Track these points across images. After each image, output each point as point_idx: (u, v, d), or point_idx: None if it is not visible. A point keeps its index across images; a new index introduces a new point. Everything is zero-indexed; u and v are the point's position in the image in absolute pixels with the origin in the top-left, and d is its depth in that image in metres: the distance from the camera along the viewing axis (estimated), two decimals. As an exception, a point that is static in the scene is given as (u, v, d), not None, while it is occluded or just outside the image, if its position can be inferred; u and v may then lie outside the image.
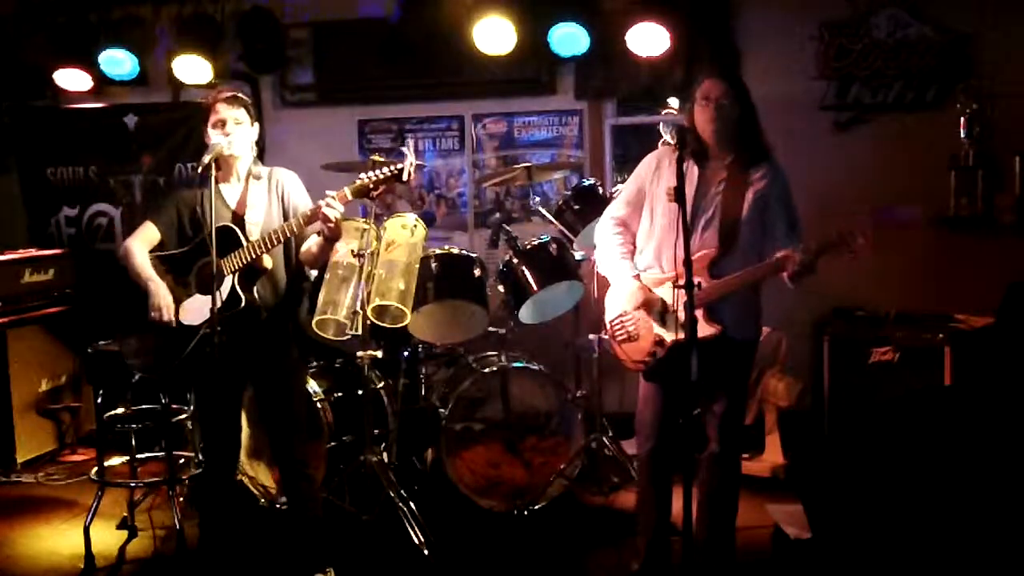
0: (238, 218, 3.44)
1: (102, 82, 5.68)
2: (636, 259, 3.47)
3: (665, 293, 3.33)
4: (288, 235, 3.36)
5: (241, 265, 3.35)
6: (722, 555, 3.44)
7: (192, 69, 5.41)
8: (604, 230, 3.55)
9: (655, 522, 3.52)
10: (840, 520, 2.98)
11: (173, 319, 3.38)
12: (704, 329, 3.20)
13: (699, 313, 3.20)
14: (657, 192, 3.40)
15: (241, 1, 5.55)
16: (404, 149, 3.39)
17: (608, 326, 3.48)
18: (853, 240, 3.09)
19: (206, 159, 3.24)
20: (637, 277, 3.40)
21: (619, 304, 3.44)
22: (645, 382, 3.49)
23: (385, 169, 3.33)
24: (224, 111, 3.40)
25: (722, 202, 3.28)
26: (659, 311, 3.35)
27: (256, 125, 3.52)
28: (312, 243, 3.45)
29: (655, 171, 3.43)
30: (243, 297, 3.35)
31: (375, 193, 3.34)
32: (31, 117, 6.16)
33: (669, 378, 3.39)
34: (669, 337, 3.30)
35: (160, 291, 3.39)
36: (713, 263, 3.24)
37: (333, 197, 3.27)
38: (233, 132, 3.40)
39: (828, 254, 3.12)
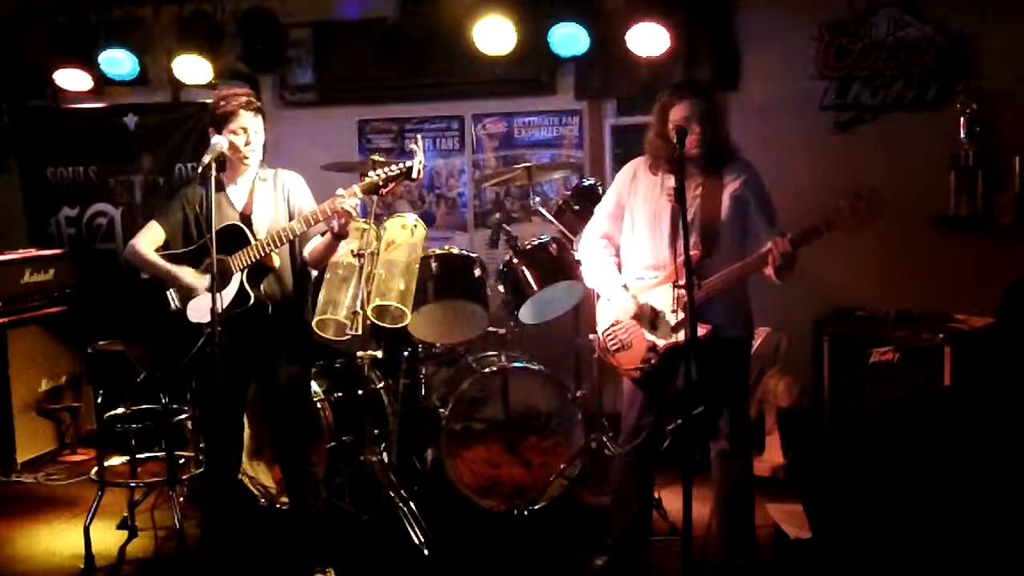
0: (245, 218, 3.46)
1: (102, 82, 5.68)
2: (622, 269, 3.55)
3: (654, 299, 3.43)
4: (297, 233, 3.37)
5: (250, 263, 3.36)
6: (744, 552, 3.48)
7: (192, 69, 5.41)
8: (589, 245, 3.65)
9: (630, 522, 3.62)
10: (840, 520, 2.97)
11: (203, 291, 3.39)
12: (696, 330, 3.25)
13: None
14: (636, 201, 3.51)
15: (241, 1, 5.55)
16: (414, 147, 3.40)
17: (601, 337, 3.56)
18: (839, 216, 3.16)
19: (206, 159, 3.25)
20: (626, 288, 3.48)
21: (610, 315, 3.53)
22: (630, 385, 3.56)
23: (395, 166, 3.35)
24: (247, 119, 3.40)
25: (701, 206, 3.37)
26: (650, 319, 3.43)
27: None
28: (318, 242, 3.46)
29: (632, 181, 3.54)
30: (252, 295, 3.36)
31: (385, 190, 3.35)
32: (31, 117, 6.16)
33: (657, 381, 3.48)
34: (662, 343, 3.39)
35: (182, 272, 3.42)
36: (697, 266, 3.29)
37: (344, 196, 3.28)
38: (253, 142, 3.42)
39: (810, 241, 3.19)
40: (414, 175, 3.33)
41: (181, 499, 4.10)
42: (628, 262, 3.55)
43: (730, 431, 3.46)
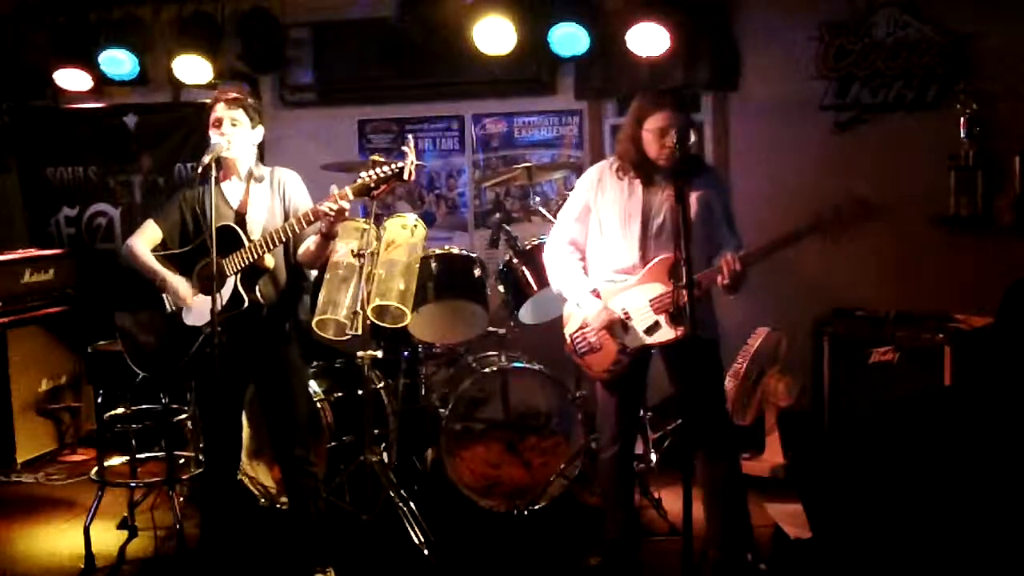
0: (240, 217, 3.46)
1: (102, 82, 5.67)
2: (590, 272, 3.55)
3: (626, 301, 3.42)
4: (290, 234, 3.36)
5: (243, 265, 3.35)
6: (742, 551, 3.48)
7: (192, 69, 5.40)
8: (555, 250, 3.63)
9: (621, 525, 3.63)
10: (840, 520, 2.98)
11: (192, 303, 3.41)
12: (669, 332, 3.31)
13: (663, 318, 3.32)
14: (603, 204, 3.49)
15: (241, 1, 5.55)
16: (405, 148, 3.39)
17: (569, 340, 3.56)
18: (820, 223, 3.18)
19: (206, 159, 3.25)
20: (596, 292, 3.48)
21: (578, 317, 3.52)
22: (604, 393, 3.58)
23: (386, 168, 3.33)
24: (221, 111, 3.42)
25: (670, 209, 3.36)
26: (620, 321, 3.41)
27: (260, 128, 3.53)
28: (310, 242, 3.45)
29: (598, 183, 3.52)
30: (246, 298, 3.36)
31: (376, 192, 3.34)
32: (31, 117, 6.16)
33: (626, 384, 3.51)
34: (632, 345, 3.40)
35: (176, 280, 3.43)
36: (672, 268, 3.29)
37: (335, 196, 3.28)
38: (229, 133, 3.40)
39: (769, 254, 3.21)
40: (405, 176, 3.31)
41: (181, 499, 4.10)
42: (596, 265, 3.54)
43: (712, 432, 3.44)
